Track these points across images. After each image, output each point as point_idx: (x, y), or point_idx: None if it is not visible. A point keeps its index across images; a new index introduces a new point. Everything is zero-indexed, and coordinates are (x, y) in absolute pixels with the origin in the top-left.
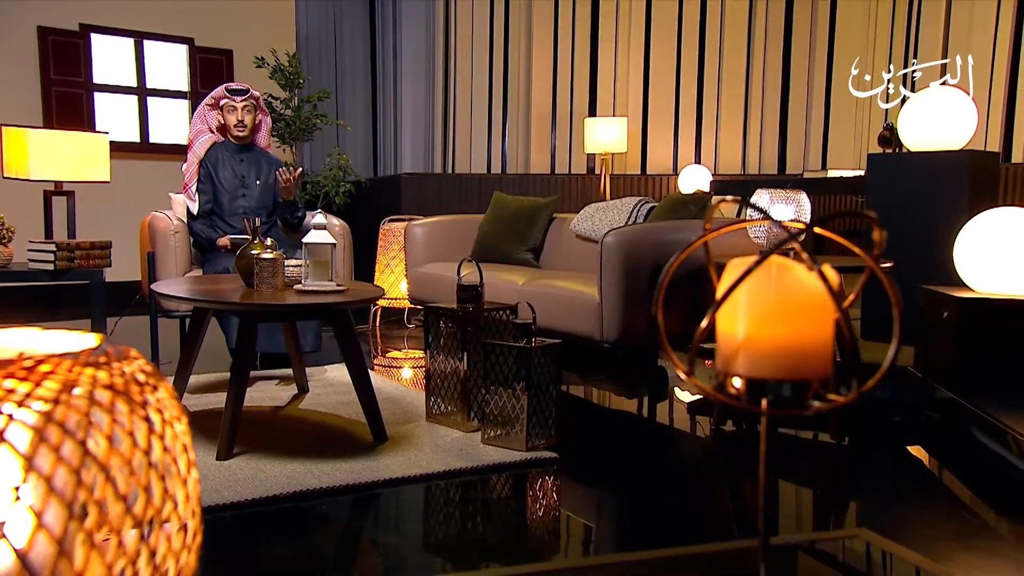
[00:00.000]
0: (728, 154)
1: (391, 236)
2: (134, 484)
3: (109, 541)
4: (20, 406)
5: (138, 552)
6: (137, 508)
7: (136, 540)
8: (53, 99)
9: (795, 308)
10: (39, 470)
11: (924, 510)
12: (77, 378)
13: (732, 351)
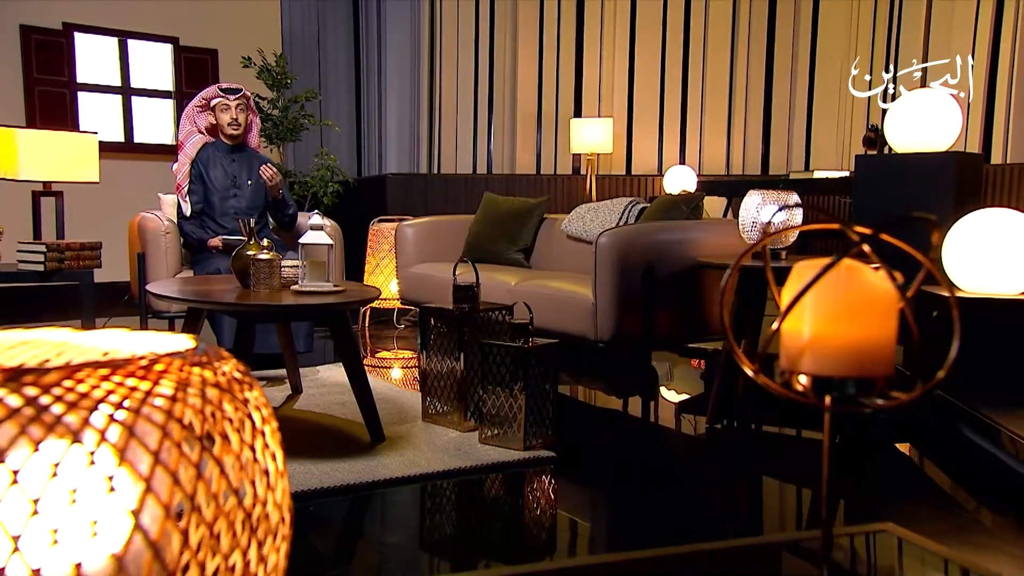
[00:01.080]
0: (712, 155)
1: (381, 236)
2: (244, 480)
3: (222, 536)
4: (143, 404)
5: (248, 547)
6: (247, 504)
7: (247, 535)
8: (36, 99)
9: (862, 308)
10: (165, 465)
11: (917, 506)
12: (188, 377)
13: (798, 350)
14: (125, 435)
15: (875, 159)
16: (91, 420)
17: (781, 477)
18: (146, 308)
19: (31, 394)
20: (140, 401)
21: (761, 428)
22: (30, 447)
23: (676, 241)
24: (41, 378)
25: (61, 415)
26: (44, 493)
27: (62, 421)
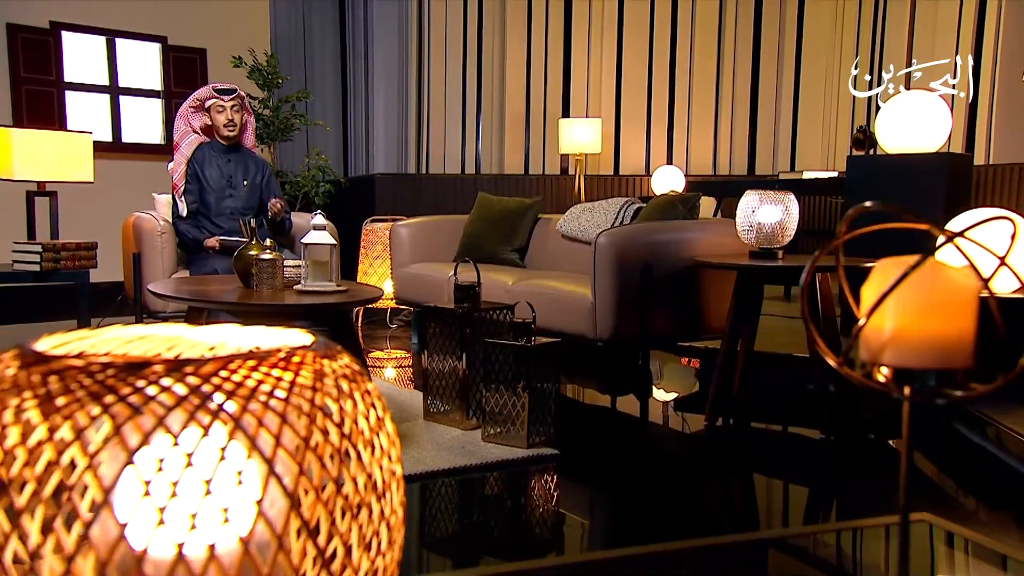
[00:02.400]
0: (699, 155)
1: (374, 236)
2: (375, 467)
3: (359, 518)
4: (289, 394)
5: (374, 537)
6: (378, 491)
7: (379, 524)
8: (23, 98)
9: (944, 304)
10: (314, 451)
11: (918, 503)
12: (323, 368)
13: (880, 344)
14: (278, 421)
15: (867, 160)
16: (248, 407)
17: (780, 474)
18: (142, 308)
19: (193, 383)
20: (288, 390)
21: (759, 426)
22: (200, 431)
23: (674, 241)
24: (200, 368)
25: (222, 403)
26: (215, 474)
27: (223, 408)
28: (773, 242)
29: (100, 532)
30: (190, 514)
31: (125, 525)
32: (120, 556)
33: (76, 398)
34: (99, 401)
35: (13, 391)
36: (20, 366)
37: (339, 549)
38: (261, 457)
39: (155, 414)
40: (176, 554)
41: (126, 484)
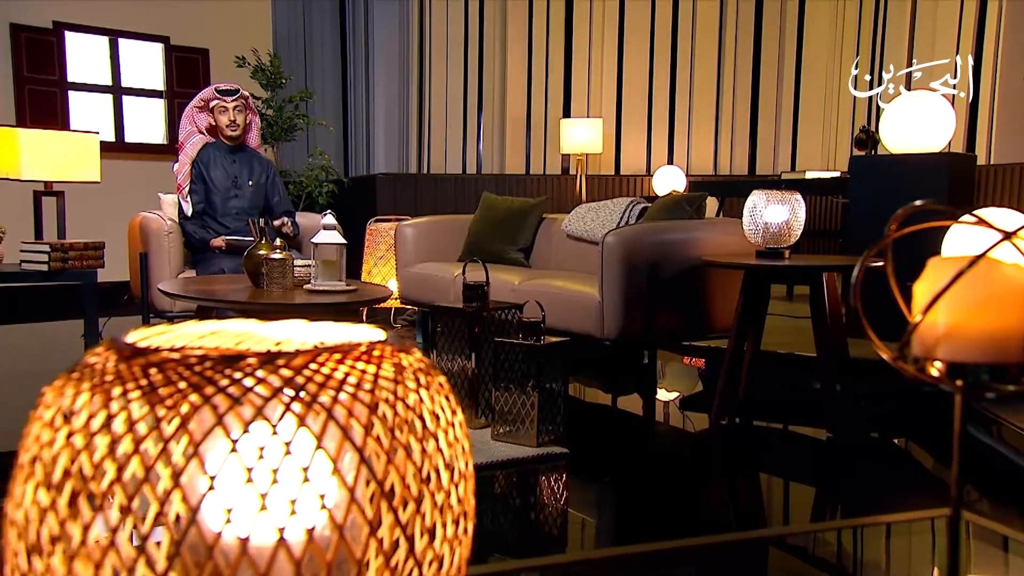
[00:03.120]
0: (700, 155)
1: (378, 236)
2: (456, 460)
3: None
4: (374, 386)
5: (453, 527)
6: (446, 487)
7: (458, 514)
8: (26, 97)
9: (998, 300)
10: (402, 444)
11: (920, 497)
12: (401, 361)
13: (934, 339)
14: (366, 414)
15: (871, 160)
16: (339, 399)
17: (790, 472)
18: (149, 308)
19: (287, 375)
20: (373, 382)
21: (766, 425)
22: (295, 422)
23: (681, 240)
24: (292, 361)
25: (316, 394)
26: (312, 463)
27: (317, 400)
28: (780, 242)
29: (206, 518)
30: (289, 500)
31: (231, 510)
32: (223, 540)
33: (178, 389)
34: (200, 392)
35: (117, 382)
36: (118, 359)
37: (425, 537)
38: (353, 446)
39: (254, 404)
40: (278, 539)
41: (230, 472)
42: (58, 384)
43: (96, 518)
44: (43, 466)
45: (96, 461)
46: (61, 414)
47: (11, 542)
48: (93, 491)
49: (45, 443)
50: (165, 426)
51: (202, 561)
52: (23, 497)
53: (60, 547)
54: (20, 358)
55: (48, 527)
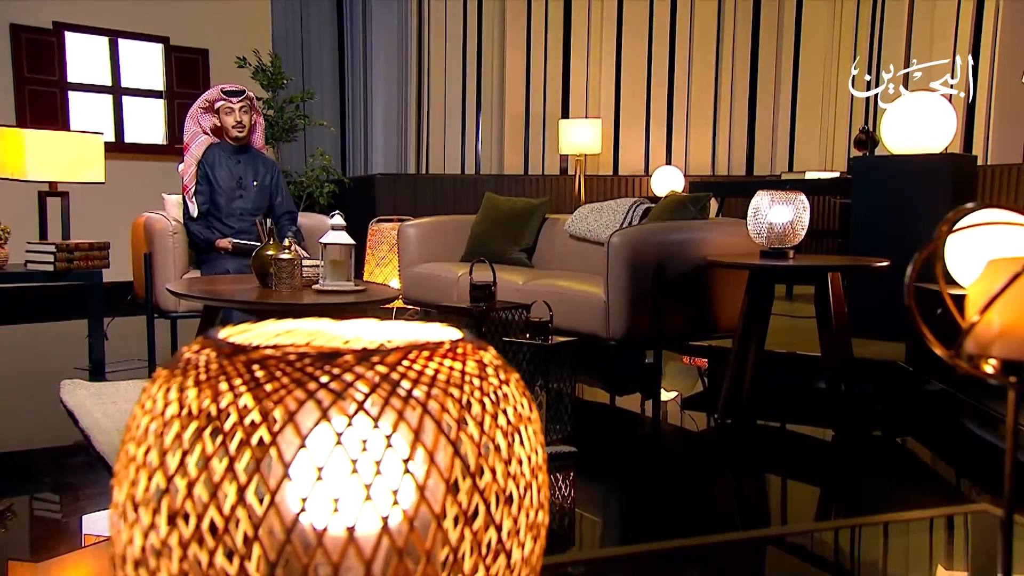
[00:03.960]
0: (698, 155)
1: (380, 236)
2: (532, 453)
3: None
4: (462, 381)
5: (535, 517)
6: (526, 478)
7: (537, 505)
8: (27, 98)
9: None
10: (491, 437)
11: (927, 495)
12: (482, 358)
13: (989, 338)
14: (457, 407)
15: (872, 160)
16: (432, 394)
17: (798, 470)
18: (152, 308)
19: (382, 371)
20: (460, 378)
21: (773, 424)
22: (393, 415)
23: (686, 240)
24: (386, 358)
25: (410, 390)
26: (412, 454)
27: (411, 395)
28: (784, 242)
29: (312, 506)
30: (392, 490)
31: (338, 499)
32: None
33: (282, 384)
34: (303, 387)
35: (222, 378)
36: (217, 355)
37: (512, 525)
38: (446, 439)
39: (354, 399)
40: (382, 527)
41: (336, 463)
42: (161, 378)
43: (210, 506)
44: (158, 454)
45: (209, 452)
46: (170, 406)
47: (122, 531)
48: (209, 479)
49: (156, 433)
50: (272, 419)
51: (311, 548)
52: (135, 486)
53: (176, 534)
54: (26, 358)
55: (167, 510)
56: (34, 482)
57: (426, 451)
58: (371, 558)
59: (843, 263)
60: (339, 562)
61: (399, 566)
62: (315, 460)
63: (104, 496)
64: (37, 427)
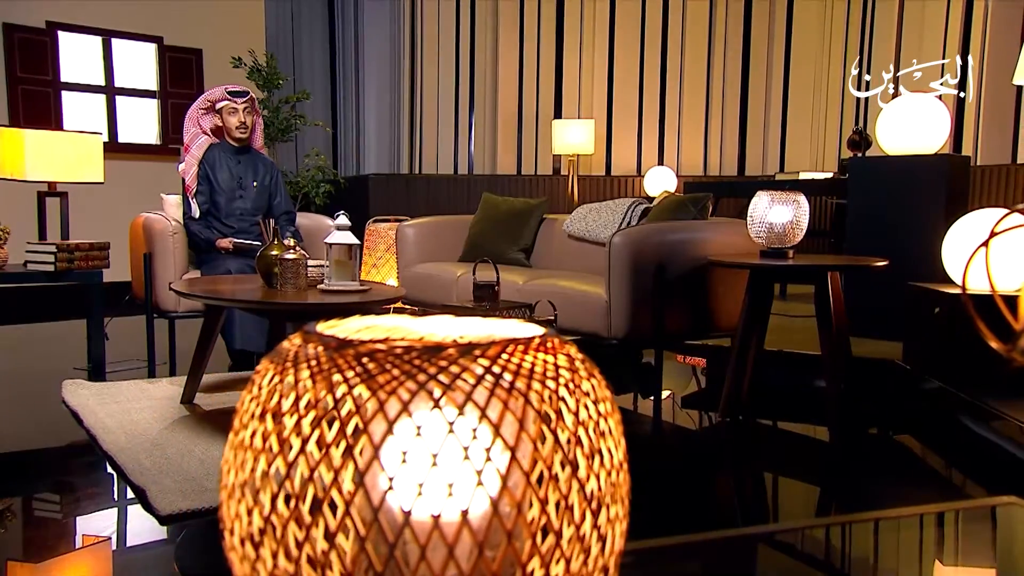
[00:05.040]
0: (690, 156)
1: (377, 236)
2: (616, 445)
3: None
4: (557, 374)
5: (618, 513)
6: (605, 474)
7: (625, 500)
8: (20, 98)
9: None
10: (585, 428)
11: (926, 491)
12: (570, 353)
13: None
14: (555, 398)
15: (868, 161)
16: (532, 386)
17: (792, 468)
18: (152, 309)
19: (484, 364)
20: (555, 372)
21: (775, 423)
22: (499, 405)
23: (687, 240)
24: (487, 351)
25: (512, 381)
26: (518, 443)
27: (515, 387)
28: (784, 242)
29: (429, 491)
30: (501, 476)
31: (452, 484)
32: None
33: (394, 376)
34: (414, 379)
35: (335, 370)
36: (324, 349)
37: (603, 514)
38: (548, 429)
39: (463, 391)
40: (493, 511)
41: (449, 451)
42: (271, 369)
43: (331, 489)
44: (277, 442)
45: (328, 441)
46: (286, 397)
47: (238, 528)
48: (328, 468)
49: (274, 422)
50: (387, 409)
51: (427, 535)
52: (254, 472)
53: (294, 516)
54: (24, 359)
55: (284, 497)
56: (34, 482)
57: (530, 439)
58: (482, 541)
59: (843, 263)
60: (454, 543)
61: (509, 548)
62: (430, 447)
63: (105, 496)
64: (37, 427)
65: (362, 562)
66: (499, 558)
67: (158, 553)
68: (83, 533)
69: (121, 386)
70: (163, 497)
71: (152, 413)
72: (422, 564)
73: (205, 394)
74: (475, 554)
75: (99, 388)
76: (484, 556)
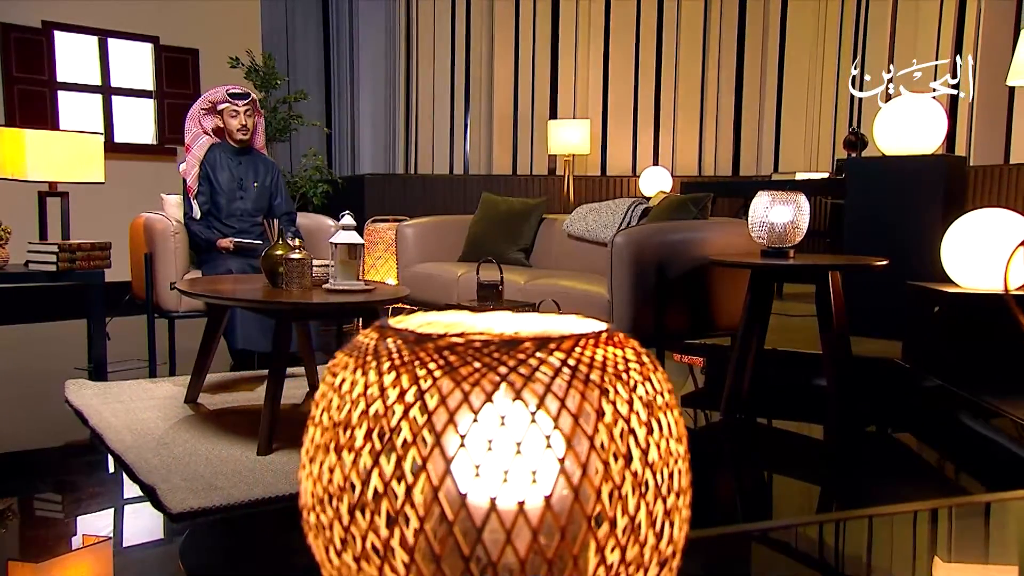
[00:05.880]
0: (685, 156)
1: (376, 236)
2: (681, 436)
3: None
4: (627, 367)
5: (685, 501)
6: (668, 463)
7: (686, 492)
8: (16, 97)
9: None
10: (655, 418)
11: (927, 488)
12: (635, 347)
13: None
14: (627, 389)
15: (866, 162)
16: (604, 378)
17: (790, 465)
18: (153, 309)
19: (560, 357)
20: (625, 365)
21: (777, 421)
22: (577, 397)
23: (688, 240)
24: (561, 345)
25: (587, 374)
26: (595, 432)
27: (590, 379)
28: (785, 241)
29: (514, 479)
30: (580, 465)
31: (535, 472)
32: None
33: (475, 369)
34: (495, 371)
35: (417, 363)
36: (404, 343)
37: (673, 500)
38: (623, 419)
39: (542, 382)
40: (574, 498)
41: (531, 439)
42: (352, 362)
43: (420, 476)
44: (363, 433)
45: (416, 429)
46: (371, 387)
47: (325, 505)
48: (417, 454)
49: (360, 412)
50: (471, 399)
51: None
52: (341, 460)
53: (385, 503)
54: (25, 359)
55: (375, 485)
56: (36, 481)
57: (607, 429)
58: (565, 525)
59: (844, 262)
60: (538, 527)
61: (587, 532)
62: (514, 437)
63: (107, 495)
64: (39, 427)
65: (449, 544)
66: (579, 541)
67: (163, 551)
68: (90, 532)
69: (124, 386)
70: (173, 495)
71: (157, 412)
72: (507, 547)
73: (208, 394)
74: (557, 538)
75: (102, 388)
76: (566, 539)
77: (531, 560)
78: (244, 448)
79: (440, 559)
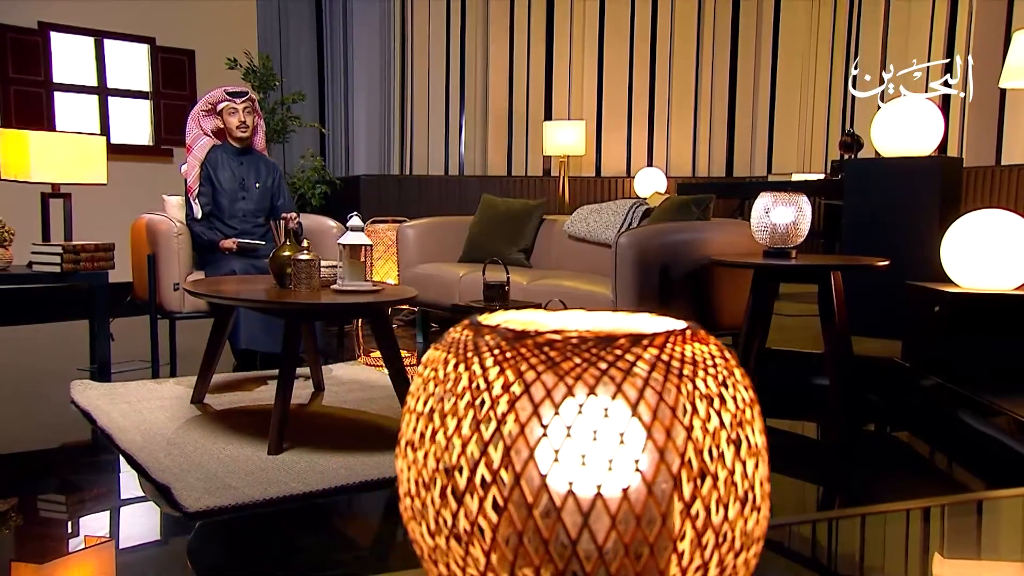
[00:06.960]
0: (679, 157)
1: (376, 237)
2: (759, 432)
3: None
4: (714, 363)
5: (764, 495)
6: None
7: (768, 490)
8: (12, 98)
9: None
10: (741, 411)
11: (929, 486)
12: (717, 343)
13: None
14: (717, 384)
15: (864, 163)
16: (696, 374)
17: (792, 463)
18: (155, 309)
19: (654, 353)
20: (712, 361)
21: (770, 420)
22: (673, 390)
23: (691, 241)
24: (654, 341)
25: (680, 369)
26: (691, 424)
27: (682, 374)
28: (787, 242)
29: (618, 468)
30: (679, 456)
31: (637, 461)
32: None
33: (576, 364)
34: (595, 366)
35: (520, 359)
36: (503, 340)
37: (755, 495)
38: (715, 412)
39: (641, 376)
40: (673, 485)
41: (633, 431)
42: (451, 358)
43: (527, 465)
44: (470, 426)
45: (524, 420)
46: (476, 380)
47: (431, 498)
48: (524, 446)
49: (465, 405)
50: (576, 394)
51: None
52: (447, 451)
53: (494, 491)
54: (27, 360)
55: (482, 472)
56: (40, 482)
57: (701, 422)
58: (665, 512)
59: (846, 263)
60: (641, 513)
61: (684, 520)
62: (617, 428)
63: (109, 495)
64: (43, 427)
65: (554, 530)
66: (678, 529)
67: (170, 550)
68: (97, 532)
69: (129, 386)
70: (188, 494)
71: (164, 413)
72: (612, 533)
73: (213, 394)
74: (659, 525)
75: (107, 388)
76: (666, 526)
77: (633, 546)
78: (254, 448)
79: (548, 543)
